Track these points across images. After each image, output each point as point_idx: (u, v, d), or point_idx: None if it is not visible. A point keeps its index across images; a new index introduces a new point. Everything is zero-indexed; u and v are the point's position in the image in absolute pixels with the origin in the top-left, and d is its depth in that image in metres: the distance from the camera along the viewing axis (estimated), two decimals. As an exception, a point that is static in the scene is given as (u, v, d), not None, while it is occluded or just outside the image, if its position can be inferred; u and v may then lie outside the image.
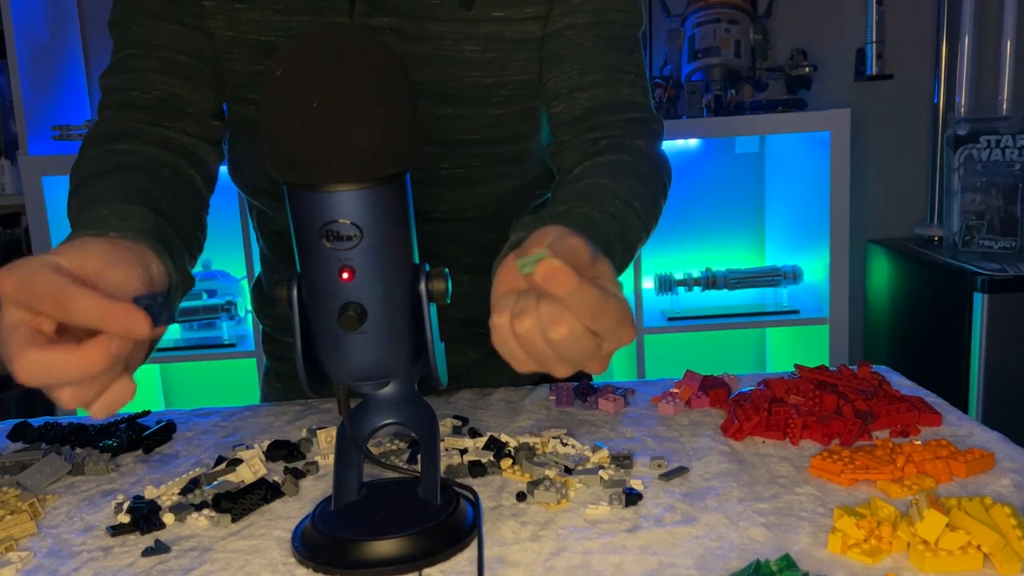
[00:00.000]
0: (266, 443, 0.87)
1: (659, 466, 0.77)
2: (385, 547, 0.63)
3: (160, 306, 0.56)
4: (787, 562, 0.58)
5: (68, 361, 0.53)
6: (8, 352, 0.54)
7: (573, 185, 0.82)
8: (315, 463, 0.83)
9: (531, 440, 0.82)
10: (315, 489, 0.77)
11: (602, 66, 0.90)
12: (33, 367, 0.53)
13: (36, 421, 0.98)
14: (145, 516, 0.71)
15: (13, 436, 0.95)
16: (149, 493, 0.77)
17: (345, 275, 0.61)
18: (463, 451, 0.82)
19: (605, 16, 0.90)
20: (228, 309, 2.25)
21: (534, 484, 0.72)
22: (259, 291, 1.13)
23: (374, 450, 0.84)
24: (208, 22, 0.89)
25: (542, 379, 1.09)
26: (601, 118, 0.89)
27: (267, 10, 0.87)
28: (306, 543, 0.65)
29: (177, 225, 0.75)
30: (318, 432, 0.88)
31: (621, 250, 0.75)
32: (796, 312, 2.25)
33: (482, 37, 0.88)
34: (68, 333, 0.56)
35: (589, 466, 0.78)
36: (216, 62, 0.90)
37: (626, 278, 2.24)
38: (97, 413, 0.58)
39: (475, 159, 0.94)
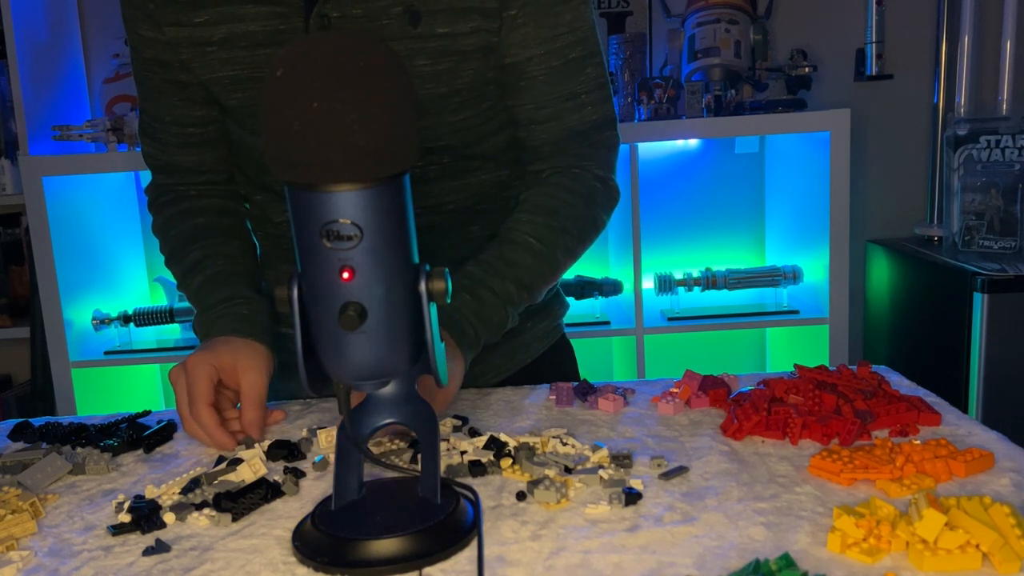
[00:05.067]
0: (266, 443, 0.87)
1: (659, 466, 0.77)
2: (385, 546, 0.63)
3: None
4: (786, 561, 0.58)
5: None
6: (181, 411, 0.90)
7: (500, 234, 0.99)
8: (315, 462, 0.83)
9: (531, 440, 0.83)
10: (315, 489, 0.78)
11: (554, 98, 0.98)
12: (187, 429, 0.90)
13: (37, 421, 0.98)
14: (146, 515, 0.71)
15: (14, 436, 0.95)
16: (150, 492, 0.77)
17: (345, 275, 0.61)
18: (463, 451, 0.82)
19: (555, 43, 0.96)
20: (228, 309, 2.25)
21: (534, 484, 0.72)
22: None
23: (374, 450, 0.84)
24: (192, 67, 0.97)
25: (539, 378, 1.09)
26: (552, 148, 1.00)
27: (234, 48, 0.93)
28: (306, 542, 0.65)
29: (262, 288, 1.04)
30: (318, 432, 0.88)
31: (478, 300, 0.93)
32: (796, 312, 2.25)
33: (431, 51, 0.92)
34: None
35: (589, 466, 0.78)
36: (218, 120, 1.02)
37: (626, 278, 2.24)
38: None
39: (446, 156, 1.00)
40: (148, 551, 0.67)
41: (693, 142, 2.47)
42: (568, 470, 0.77)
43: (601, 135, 1.02)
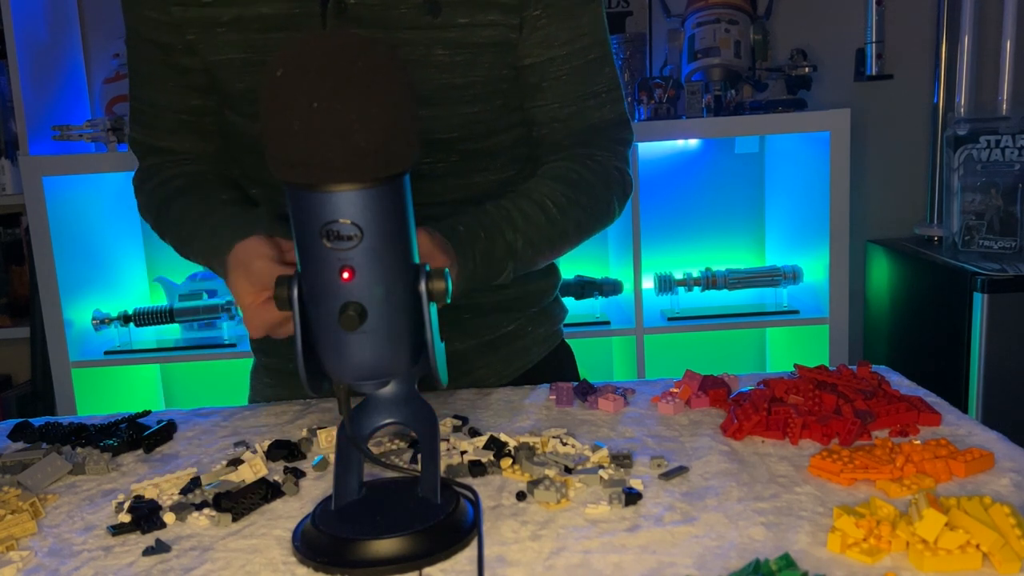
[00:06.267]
0: (266, 443, 0.87)
1: (659, 466, 0.77)
2: (385, 546, 0.63)
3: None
4: (786, 561, 0.58)
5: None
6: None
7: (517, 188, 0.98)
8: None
9: (531, 440, 0.83)
10: (315, 489, 0.78)
11: (577, 97, 1.00)
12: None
13: (37, 421, 0.98)
14: (146, 515, 0.71)
15: (14, 436, 0.95)
16: (150, 492, 0.77)
17: (345, 275, 0.61)
18: (463, 451, 0.82)
19: (576, 44, 0.99)
20: (228, 309, 2.25)
21: (534, 484, 0.72)
22: None
23: (374, 450, 0.84)
24: (199, 49, 0.95)
25: (537, 378, 1.09)
26: (574, 140, 1.01)
27: (246, 30, 0.92)
28: (306, 542, 0.65)
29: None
30: (319, 432, 0.88)
31: (490, 236, 0.90)
32: (796, 312, 2.25)
33: (450, 42, 0.93)
34: None
35: (589, 466, 0.78)
36: (214, 111, 1.01)
37: (626, 278, 2.24)
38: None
39: (454, 154, 0.99)
40: (148, 551, 0.67)
41: (693, 142, 2.47)
42: (568, 470, 0.77)
43: (620, 133, 1.04)
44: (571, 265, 2.36)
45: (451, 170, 1.00)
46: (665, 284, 2.27)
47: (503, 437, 0.83)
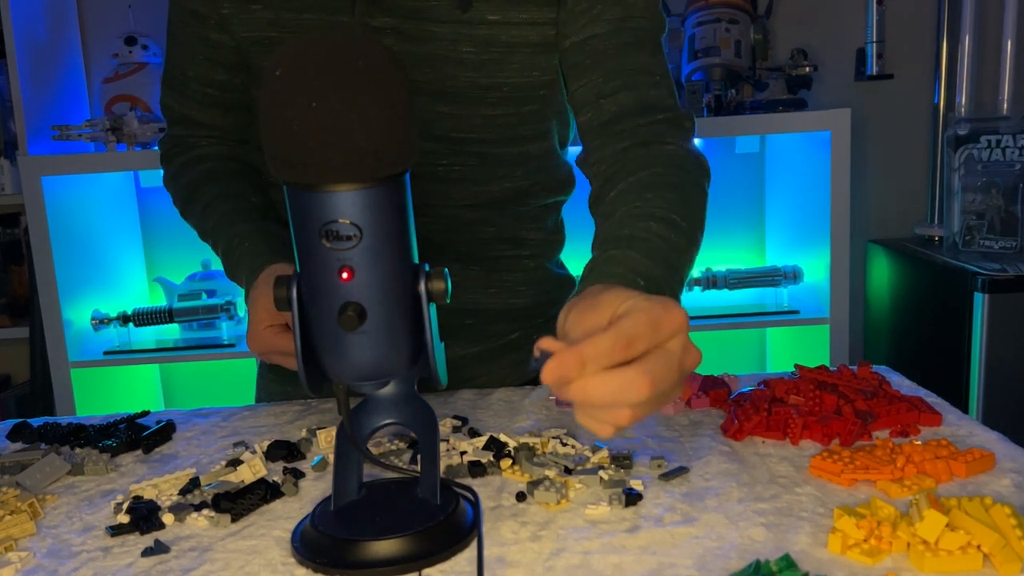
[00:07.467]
0: (266, 443, 0.87)
1: (659, 466, 0.77)
2: (385, 547, 0.63)
3: None
4: (787, 562, 0.58)
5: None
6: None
7: (610, 218, 0.81)
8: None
9: (531, 440, 0.82)
10: (315, 489, 0.77)
11: (625, 70, 0.90)
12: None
13: (36, 421, 0.98)
14: (145, 516, 0.71)
15: (13, 436, 0.95)
16: (148, 493, 0.77)
17: (345, 275, 0.61)
18: (463, 451, 0.82)
19: (626, 23, 0.90)
20: (228, 309, 2.25)
21: (534, 484, 0.72)
22: None
23: (374, 450, 0.84)
24: (230, 26, 0.96)
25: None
26: (628, 122, 0.89)
27: (280, 9, 0.93)
28: (306, 543, 0.65)
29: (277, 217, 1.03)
30: (318, 432, 0.88)
31: (665, 272, 0.75)
32: (796, 312, 2.25)
33: (478, 39, 0.91)
34: None
35: (589, 466, 0.78)
36: (239, 88, 1.03)
37: (626, 278, 2.24)
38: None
39: (473, 158, 0.97)
40: (147, 552, 0.67)
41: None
42: (568, 471, 0.76)
43: (682, 120, 0.91)
44: (571, 265, 2.36)
45: (468, 174, 0.98)
46: (665, 284, 2.26)
47: (503, 437, 0.83)
